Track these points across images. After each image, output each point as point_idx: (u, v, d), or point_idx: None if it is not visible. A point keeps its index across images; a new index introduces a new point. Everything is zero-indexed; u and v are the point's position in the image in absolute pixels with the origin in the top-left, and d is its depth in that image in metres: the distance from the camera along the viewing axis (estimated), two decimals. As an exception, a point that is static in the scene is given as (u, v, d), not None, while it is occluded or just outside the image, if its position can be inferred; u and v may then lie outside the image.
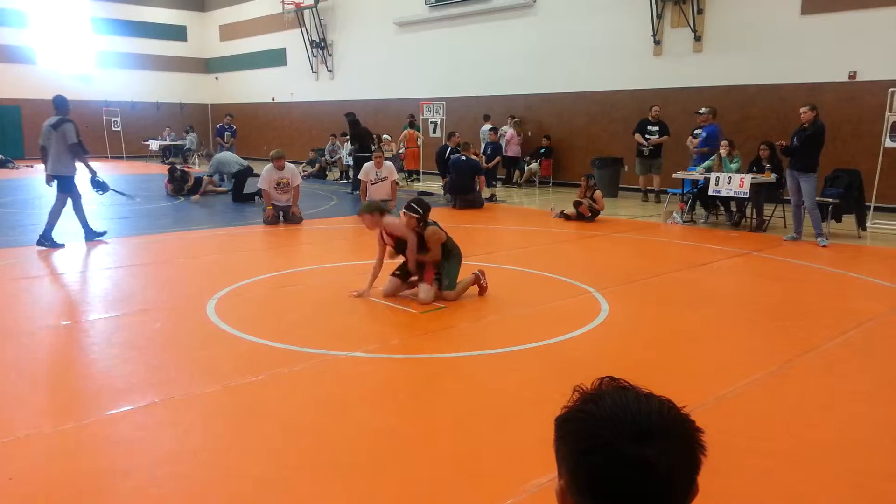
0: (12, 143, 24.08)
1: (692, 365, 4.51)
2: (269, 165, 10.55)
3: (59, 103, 8.74)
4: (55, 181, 8.45)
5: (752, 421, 3.64)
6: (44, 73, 25.47)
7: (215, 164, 13.99)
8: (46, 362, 4.41)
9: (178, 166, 14.76)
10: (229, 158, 14.18)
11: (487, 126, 16.56)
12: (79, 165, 8.54)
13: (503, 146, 16.68)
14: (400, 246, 6.04)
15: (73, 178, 8.52)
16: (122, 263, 7.67)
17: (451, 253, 6.10)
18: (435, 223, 6.10)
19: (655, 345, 4.96)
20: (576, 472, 0.98)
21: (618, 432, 0.94)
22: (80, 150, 8.56)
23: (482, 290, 6.14)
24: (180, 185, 13.95)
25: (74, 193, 8.54)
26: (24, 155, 23.48)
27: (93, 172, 8.94)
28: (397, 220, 5.99)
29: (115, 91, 26.93)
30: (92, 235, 8.79)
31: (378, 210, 6.11)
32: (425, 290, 5.78)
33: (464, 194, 12.48)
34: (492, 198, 13.57)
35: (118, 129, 25.43)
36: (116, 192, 10.51)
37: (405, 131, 17.92)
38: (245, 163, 14.08)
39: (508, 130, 16.88)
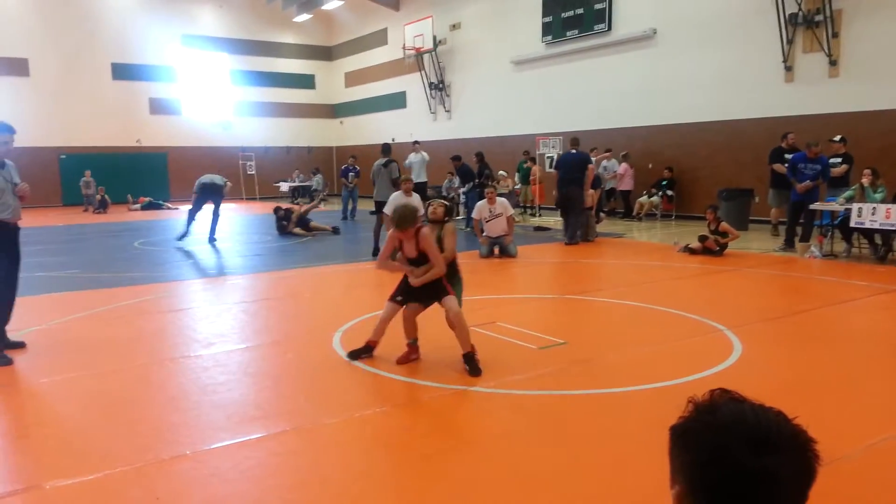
0: (160, 186, 26.28)
1: (837, 410, 4.16)
2: (398, 192, 10.55)
3: (386, 148, 11.82)
4: (379, 206, 10.82)
5: (912, 474, 3.30)
6: (188, 123, 27.79)
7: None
8: (188, 388, 4.70)
9: (283, 206, 15.06)
10: (207, 175, 13.36)
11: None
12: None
13: (603, 180, 16.71)
14: (415, 261, 5.15)
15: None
16: (256, 298, 8.12)
17: (455, 271, 5.42)
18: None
19: (795, 388, 4.62)
20: (695, 481, 1.00)
21: (738, 442, 0.96)
22: (399, 185, 10.97)
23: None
24: (281, 224, 14.36)
25: None
26: (170, 197, 25.53)
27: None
28: (431, 237, 5.18)
29: (250, 137, 28.89)
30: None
31: (413, 220, 5.06)
32: (452, 300, 5.06)
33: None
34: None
35: (252, 172, 27.24)
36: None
37: (530, 167, 18.05)
38: (210, 179, 13.08)
39: (621, 164, 16.71)
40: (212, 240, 13.13)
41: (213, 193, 13.07)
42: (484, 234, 10.96)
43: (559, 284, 9.18)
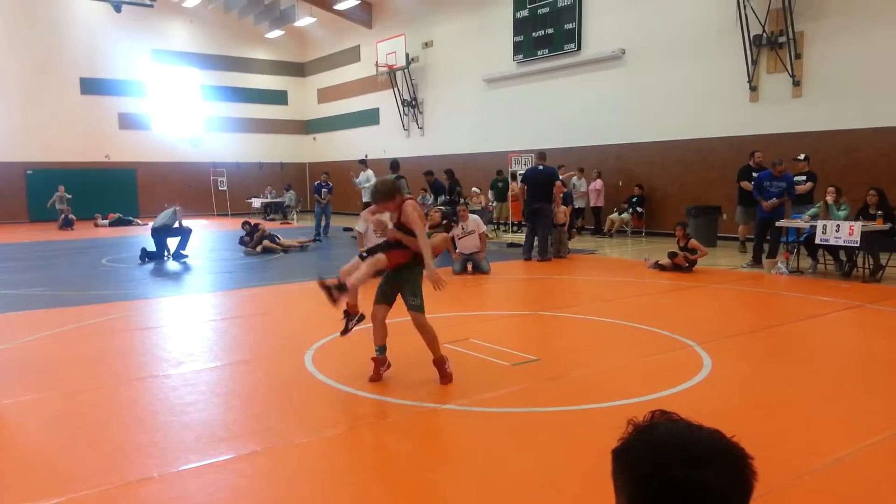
0: (129, 202, 25.92)
1: (805, 425, 4.23)
2: (368, 209, 10.76)
3: (394, 164, 12.07)
4: None
5: (873, 487, 3.36)
6: (158, 138, 27.51)
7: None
8: (156, 408, 4.62)
9: (251, 222, 14.71)
10: (158, 217, 13.31)
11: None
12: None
13: (582, 196, 16.96)
14: (401, 229, 4.95)
15: None
16: (226, 315, 8.02)
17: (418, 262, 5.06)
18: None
19: (764, 402, 4.68)
20: (635, 498, 1.04)
21: (674, 458, 1.01)
22: None
23: (446, 377, 5.03)
24: (243, 241, 14.11)
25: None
26: (140, 213, 25.18)
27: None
28: (414, 211, 4.96)
29: (222, 152, 28.69)
30: None
31: (397, 191, 5.01)
32: (363, 267, 4.90)
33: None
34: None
35: (224, 188, 27.03)
36: None
37: (506, 182, 18.23)
38: (160, 223, 13.01)
39: (597, 180, 16.98)
40: (181, 255, 12.98)
41: (171, 231, 13.01)
42: (457, 250, 10.98)
43: (532, 301, 9.22)
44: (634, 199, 16.48)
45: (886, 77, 12.35)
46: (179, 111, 28.09)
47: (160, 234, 12.89)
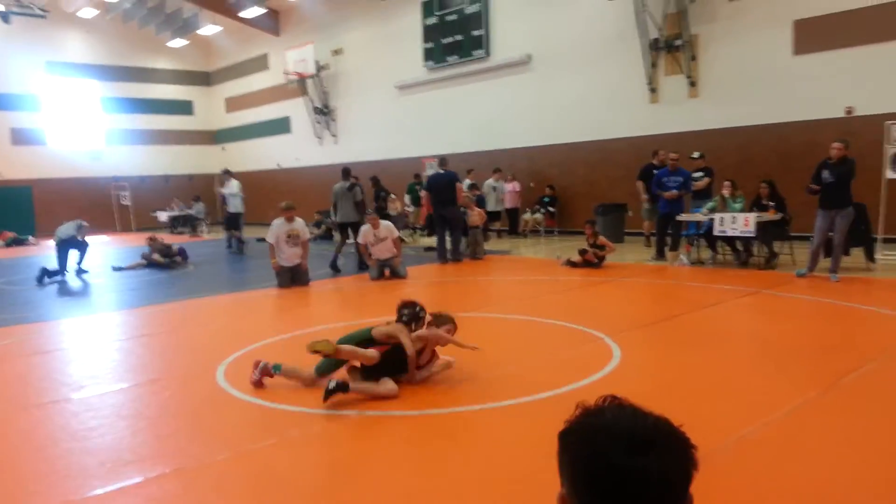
0: (25, 221, 24.46)
1: (710, 407, 4.43)
2: (279, 219, 10.52)
3: (345, 171, 12.33)
4: (343, 226, 12.18)
5: (775, 461, 3.56)
6: (54, 153, 26.11)
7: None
8: (56, 435, 4.38)
9: (154, 236, 14.52)
10: (62, 228, 12.75)
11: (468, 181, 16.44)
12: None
13: (503, 198, 17.13)
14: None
15: (357, 223, 11.67)
16: (132, 334, 7.70)
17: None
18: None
19: (671, 388, 4.88)
20: (575, 479, 1.05)
21: (613, 443, 1.01)
22: (363, 206, 11.97)
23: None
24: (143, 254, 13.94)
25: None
26: (36, 233, 23.82)
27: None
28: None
29: (124, 166, 27.49)
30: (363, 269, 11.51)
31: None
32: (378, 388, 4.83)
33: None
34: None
35: (127, 203, 25.93)
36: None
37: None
38: (66, 234, 12.52)
39: (512, 182, 17.23)
40: (82, 271, 12.44)
41: (73, 244, 12.50)
42: (372, 257, 10.92)
43: (449, 303, 9.24)
44: (546, 200, 16.87)
45: (773, 77, 13.14)
46: (77, 125, 26.76)
47: (65, 246, 12.33)
